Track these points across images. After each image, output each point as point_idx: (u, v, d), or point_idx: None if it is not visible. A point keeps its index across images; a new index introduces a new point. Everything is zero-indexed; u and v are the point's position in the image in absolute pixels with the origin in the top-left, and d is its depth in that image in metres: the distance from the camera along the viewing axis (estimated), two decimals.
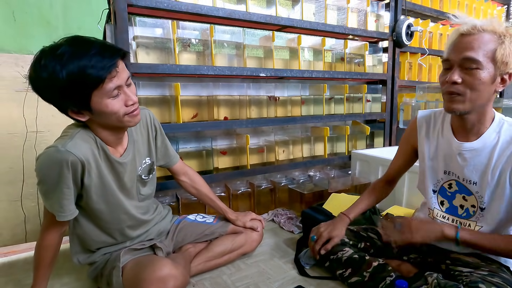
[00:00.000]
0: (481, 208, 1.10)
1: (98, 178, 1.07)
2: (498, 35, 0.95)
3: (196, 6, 1.71)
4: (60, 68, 0.88)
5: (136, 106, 1.04)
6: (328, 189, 2.10)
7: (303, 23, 2.09)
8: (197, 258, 1.37)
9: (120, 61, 0.97)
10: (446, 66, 1.02)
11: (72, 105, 0.96)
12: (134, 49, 1.71)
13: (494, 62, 0.95)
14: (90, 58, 0.90)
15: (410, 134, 1.31)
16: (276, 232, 1.84)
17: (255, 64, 2.12)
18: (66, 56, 0.89)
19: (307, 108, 2.35)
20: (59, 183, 0.97)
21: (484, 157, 1.06)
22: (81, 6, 2.10)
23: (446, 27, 3.11)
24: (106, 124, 1.03)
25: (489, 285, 0.92)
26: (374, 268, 1.18)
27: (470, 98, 0.98)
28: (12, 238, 1.71)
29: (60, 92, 0.92)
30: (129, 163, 1.16)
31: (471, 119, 1.05)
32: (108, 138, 1.08)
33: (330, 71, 2.31)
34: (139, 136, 1.23)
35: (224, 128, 2.02)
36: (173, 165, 1.41)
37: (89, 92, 0.92)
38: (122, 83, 0.98)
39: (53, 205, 1.02)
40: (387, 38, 2.55)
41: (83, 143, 1.01)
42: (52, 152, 0.95)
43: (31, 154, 1.70)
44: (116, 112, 0.98)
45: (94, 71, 0.90)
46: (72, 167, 0.97)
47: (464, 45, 0.96)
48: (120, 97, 0.98)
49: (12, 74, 1.64)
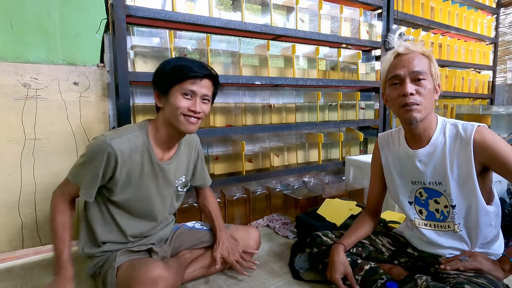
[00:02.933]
0: (452, 206, 1.16)
1: (137, 177, 1.20)
2: (426, 55, 1.12)
3: (193, 17, 1.75)
4: (168, 64, 1.19)
5: (197, 116, 1.19)
6: (322, 194, 2.13)
7: (298, 32, 2.15)
8: (194, 264, 1.40)
9: (207, 80, 1.20)
10: (395, 82, 1.13)
11: (158, 88, 1.20)
12: (132, 58, 1.75)
13: (431, 75, 1.11)
14: (187, 62, 1.18)
15: (376, 156, 1.38)
16: (271, 237, 1.87)
17: (251, 72, 2.16)
18: (176, 60, 1.22)
19: (301, 115, 2.39)
20: (92, 164, 1.12)
21: (439, 157, 1.15)
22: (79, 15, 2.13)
23: (437, 36, 3.19)
24: (168, 120, 1.19)
25: (474, 285, 0.96)
26: (366, 272, 1.22)
27: (425, 106, 1.10)
28: (9, 244, 1.72)
29: (160, 79, 1.19)
30: (170, 171, 1.28)
31: (421, 127, 1.15)
32: (162, 138, 1.23)
33: (324, 79, 2.36)
34: (184, 154, 1.36)
35: (220, 135, 2.05)
36: (206, 186, 1.54)
37: (173, 83, 1.16)
38: (197, 93, 1.17)
39: (78, 177, 1.15)
40: (379, 46, 2.62)
41: (128, 143, 1.16)
42: (100, 140, 1.13)
43: (29, 161, 1.72)
44: (179, 108, 1.16)
45: (183, 70, 1.16)
46: (108, 158, 1.12)
47: (407, 61, 1.10)
48: (189, 101, 1.17)
49: (12, 83, 1.66)
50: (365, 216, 1.42)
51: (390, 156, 1.31)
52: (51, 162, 1.76)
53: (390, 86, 1.14)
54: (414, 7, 2.92)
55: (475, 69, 3.85)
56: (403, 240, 1.36)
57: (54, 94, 1.76)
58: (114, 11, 1.56)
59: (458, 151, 1.11)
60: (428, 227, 1.24)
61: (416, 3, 2.93)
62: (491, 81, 3.98)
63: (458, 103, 3.65)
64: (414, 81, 1.09)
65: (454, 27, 3.29)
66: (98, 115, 1.86)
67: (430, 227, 1.24)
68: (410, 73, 1.09)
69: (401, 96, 1.10)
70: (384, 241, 1.37)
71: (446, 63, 3.28)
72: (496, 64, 3.95)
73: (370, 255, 1.32)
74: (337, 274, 1.22)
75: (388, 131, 1.36)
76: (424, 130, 1.16)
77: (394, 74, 1.12)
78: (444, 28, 3.20)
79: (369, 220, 1.40)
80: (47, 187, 1.77)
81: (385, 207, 1.92)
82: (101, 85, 1.86)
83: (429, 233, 1.22)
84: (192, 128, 1.20)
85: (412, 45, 1.13)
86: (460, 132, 1.11)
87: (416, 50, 1.12)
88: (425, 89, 1.09)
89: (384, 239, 1.38)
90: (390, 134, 1.34)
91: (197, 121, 1.20)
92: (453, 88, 3.42)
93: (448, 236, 1.20)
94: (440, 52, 3.25)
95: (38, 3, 1.98)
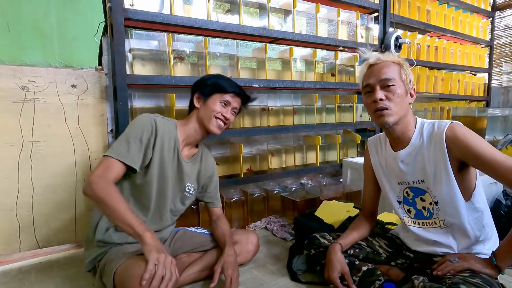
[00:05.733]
0: (435, 203, 1.20)
1: (164, 160, 1.33)
2: (397, 63, 1.20)
3: (191, 20, 1.76)
4: (215, 78, 1.46)
5: (225, 121, 1.42)
6: (320, 196, 2.14)
7: (295, 35, 2.16)
8: (192, 267, 1.40)
9: (240, 98, 1.46)
10: (368, 90, 1.22)
11: (200, 92, 1.42)
12: (130, 61, 1.75)
13: (402, 81, 1.19)
14: (228, 82, 1.45)
15: (367, 159, 1.43)
16: (269, 239, 1.87)
17: (248, 75, 2.17)
18: (221, 76, 1.48)
19: (299, 117, 2.40)
20: (137, 133, 1.26)
21: (418, 156, 1.20)
22: (76, 18, 2.13)
23: (433, 39, 3.22)
24: (202, 118, 1.40)
25: (469, 285, 0.98)
26: (363, 273, 1.23)
27: (395, 110, 1.17)
28: (6, 247, 1.71)
29: (204, 85, 1.43)
30: (187, 167, 1.42)
31: (398, 130, 1.22)
32: (188, 133, 1.41)
33: (321, 82, 2.37)
34: (202, 165, 1.51)
35: (218, 138, 2.05)
36: (215, 207, 1.59)
37: (216, 91, 1.41)
38: (231, 103, 1.43)
39: (121, 146, 1.23)
40: (376, 49, 2.63)
41: (164, 126, 1.34)
42: (145, 115, 1.32)
43: (26, 164, 1.71)
44: (214, 110, 1.38)
45: (226, 85, 1.42)
46: (152, 129, 1.29)
47: (377, 71, 1.19)
48: (223, 108, 1.41)
49: (9, 85, 1.66)
50: (361, 218, 1.44)
51: (378, 158, 1.36)
52: (48, 165, 1.76)
53: (365, 94, 1.24)
54: (411, 11, 2.95)
55: (471, 72, 3.89)
56: (399, 242, 1.38)
57: (52, 97, 1.76)
58: (112, 14, 1.57)
59: (433, 148, 1.16)
60: (417, 225, 1.27)
61: (412, 6, 2.96)
62: (486, 84, 4.01)
63: (454, 105, 3.68)
64: (383, 88, 1.17)
65: (450, 30, 3.31)
66: (96, 118, 1.86)
67: (418, 225, 1.27)
68: (379, 81, 1.17)
69: (373, 102, 1.18)
70: (381, 243, 1.38)
71: (442, 65, 3.31)
72: (491, 66, 3.98)
73: (367, 257, 1.33)
74: (334, 272, 1.23)
75: (377, 135, 1.41)
76: (403, 132, 1.22)
77: (366, 83, 1.22)
78: (440, 31, 3.23)
79: (366, 222, 1.42)
80: (45, 190, 1.76)
81: (382, 209, 1.93)
82: (99, 87, 1.86)
83: (419, 230, 1.25)
84: (217, 131, 1.41)
85: (383, 55, 1.22)
86: (435, 130, 1.16)
87: (387, 60, 1.20)
88: (394, 94, 1.16)
89: (381, 240, 1.40)
90: (379, 137, 1.39)
91: (223, 126, 1.43)
92: (449, 90, 3.45)
93: (436, 232, 1.22)
94: (436, 55, 3.27)
95: (35, 6, 1.99)
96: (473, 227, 1.17)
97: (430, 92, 3.22)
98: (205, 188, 1.56)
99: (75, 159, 1.83)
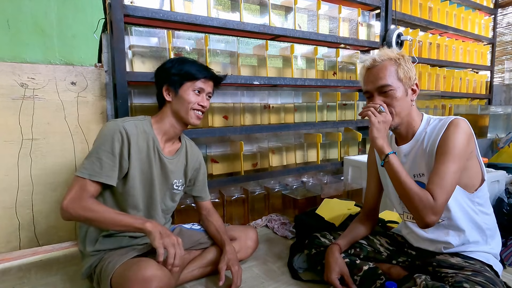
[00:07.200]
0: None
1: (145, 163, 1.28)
2: (394, 60, 1.17)
3: (191, 16, 1.75)
4: (179, 64, 1.31)
5: (203, 111, 1.35)
6: (320, 194, 2.13)
7: (296, 32, 2.14)
8: (192, 264, 1.39)
9: (211, 82, 1.36)
10: (368, 96, 1.22)
11: (169, 83, 1.30)
12: (130, 58, 1.74)
13: (400, 80, 1.16)
14: (195, 65, 1.33)
15: (371, 156, 1.42)
16: (270, 238, 1.87)
17: (249, 72, 2.16)
18: (185, 60, 1.35)
19: (300, 115, 2.39)
20: (107, 146, 1.18)
21: (419, 149, 1.20)
22: (76, 15, 2.13)
23: (435, 36, 3.20)
24: (177, 112, 1.31)
25: (472, 284, 0.96)
26: (364, 272, 1.22)
27: (396, 113, 1.17)
28: (6, 245, 1.71)
29: (170, 75, 1.30)
30: (171, 165, 1.36)
31: (403, 128, 1.23)
32: (165, 128, 1.33)
33: (322, 79, 2.36)
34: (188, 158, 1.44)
35: (218, 135, 2.05)
36: (203, 201, 1.56)
37: (184, 80, 1.30)
38: (205, 90, 1.33)
39: (93, 164, 1.16)
40: (378, 47, 2.62)
41: (135, 128, 1.25)
42: (112, 124, 1.23)
43: (26, 162, 1.71)
44: (190, 102, 1.30)
45: (194, 71, 1.30)
46: (122, 138, 1.21)
47: (373, 76, 1.18)
48: (198, 97, 1.32)
49: (9, 83, 1.65)
50: (362, 217, 1.42)
51: None
52: (48, 163, 1.76)
53: (367, 99, 1.24)
54: (412, 8, 2.93)
55: (473, 69, 3.86)
56: (401, 240, 1.37)
57: (52, 94, 1.75)
58: (112, 11, 1.56)
59: (432, 140, 1.16)
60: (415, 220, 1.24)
61: (414, 3, 2.93)
62: (489, 81, 3.99)
63: (456, 103, 3.66)
64: (381, 94, 1.17)
65: (452, 27, 3.29)
66: (96, 115, 1.86)
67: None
68: (376, 88, 1.17)
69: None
70: (382, 241, 1.37)
71: (444, 63, 3.29)
72: (493, 64, 3.96)
73: (368, 255, 1.32)
74: (333, 274, 1.22)
75: None
76: (407, 130, 1.23)
77: (365, 89, 1.22)
78: (442, 29, 3.21)
79: (367, 220, 1.41)
80: (45, 187, 1.76)
81: (384, 207, 1.92)
82: (99, 85, 1.86)
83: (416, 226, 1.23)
84: (197, 122, 1.35)
85: (379, 55, 1.19)
86: (439, 124, 1.17)
87: (383, 60, 1.17)
88: (393, 98, 1.16)
89: (382, 239, 1.38)
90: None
91: (202, 116, 1.36)
92: (451, 88, 3.43)
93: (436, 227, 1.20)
94: (438, 52, 3.25)
95: (35, 4, 1.98)
96: (473, 224, 1.16)
97: (432, 90, 3.20)
98: (193, 181, 1.51)
99: (75, 156, 1.82)
